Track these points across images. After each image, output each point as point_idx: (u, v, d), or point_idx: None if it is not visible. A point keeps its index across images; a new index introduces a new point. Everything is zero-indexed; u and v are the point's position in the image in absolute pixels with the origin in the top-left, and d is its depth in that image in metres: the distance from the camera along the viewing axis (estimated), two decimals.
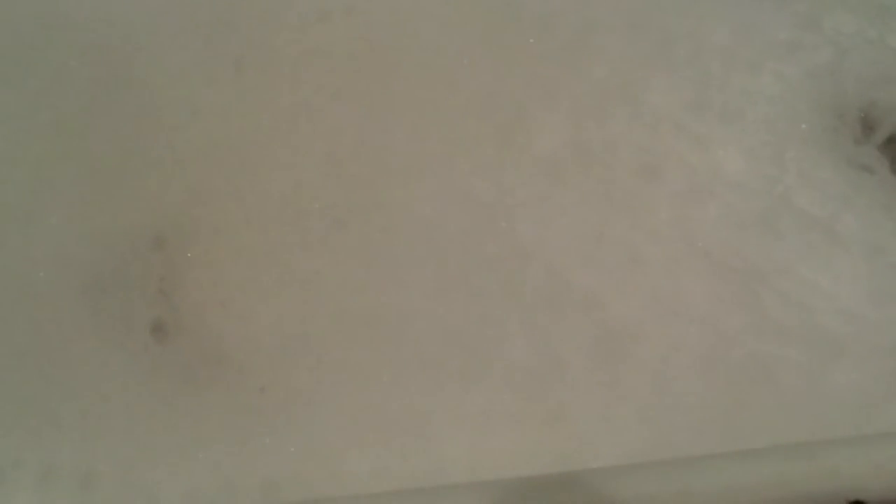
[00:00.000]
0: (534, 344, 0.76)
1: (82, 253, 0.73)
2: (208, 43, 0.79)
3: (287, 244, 0.75)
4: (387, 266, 0.76)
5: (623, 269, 0.78)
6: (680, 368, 0.76)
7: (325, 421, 0.72)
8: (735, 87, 0.85)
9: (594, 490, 0.68)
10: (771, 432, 0.76)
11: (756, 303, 0.79)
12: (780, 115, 0.84)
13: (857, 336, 0.76)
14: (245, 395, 0.72)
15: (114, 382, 0.71)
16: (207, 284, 0.73)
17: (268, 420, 0.72)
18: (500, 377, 0.75)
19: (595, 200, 0.80)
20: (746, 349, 0.77)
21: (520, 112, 0.81)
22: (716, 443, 0.75)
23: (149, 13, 0.79)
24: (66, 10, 0.78)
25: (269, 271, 0.75)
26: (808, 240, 0.81)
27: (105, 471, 0.69)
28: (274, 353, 0.73)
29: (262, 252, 0.75)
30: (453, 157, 0.79)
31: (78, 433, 0.70)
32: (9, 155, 0.74)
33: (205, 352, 0.72)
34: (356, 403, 0.73)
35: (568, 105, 0.82)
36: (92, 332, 0.72)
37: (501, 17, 0.83)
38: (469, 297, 0.76)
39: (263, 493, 0.70)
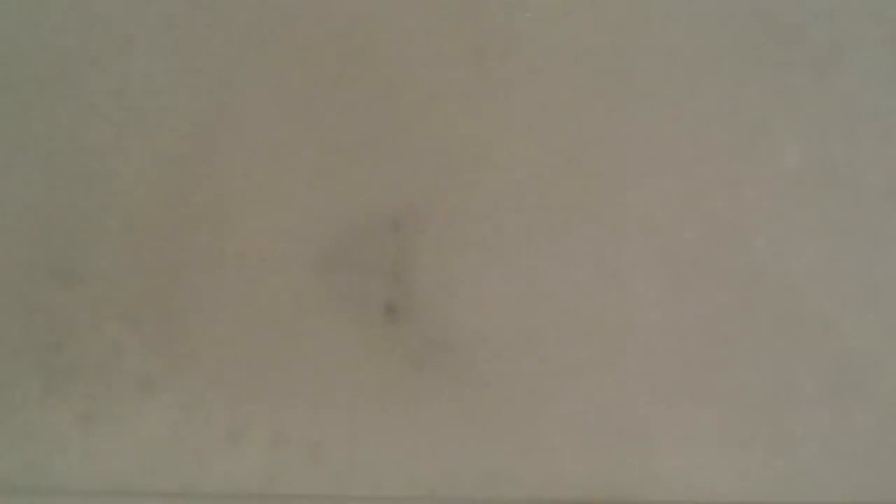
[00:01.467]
0: (766, 366, 0.73)
1: (322, 230, 0.74)
2: (452, 29, 0.79)
3: (518, 239, 0.75)
4: (616, 272, 0.74)
5: (863, 298, 0.74)
6: None
7: (545, 421, 0.72)
8: None
9: None
10: None
11: None
12: None
13: None
14: (469, 386, 0.72)
15: (345, 358, 0.72)
16: (439, 271, 0.74)
17: (490, 413, 0.72)
18: (727, 397, 0.72)
19: (837, 222, 0.76)
20: None
21: (763, 124, 0.78)
22: None
23: None
24: None
25: (499, 265, 0.74)
26: None
27: (331, 444, 0.71)
28: (499, 347, 0.73)
29: (493, 245, 0.75)
30: (692, 164, 0.76)
31: (307, 404, 0.72)
32: (257, 132, 0.76)
33: (433, 338, 0.73)
34: (577, 408, 0.72)
35: (814, 120, 0.78)
36: (326, 308, 0.73)
37: (749, 24, 0.79)
38: (700, 311, 0.74)
39: (482, 485, 0.70)
